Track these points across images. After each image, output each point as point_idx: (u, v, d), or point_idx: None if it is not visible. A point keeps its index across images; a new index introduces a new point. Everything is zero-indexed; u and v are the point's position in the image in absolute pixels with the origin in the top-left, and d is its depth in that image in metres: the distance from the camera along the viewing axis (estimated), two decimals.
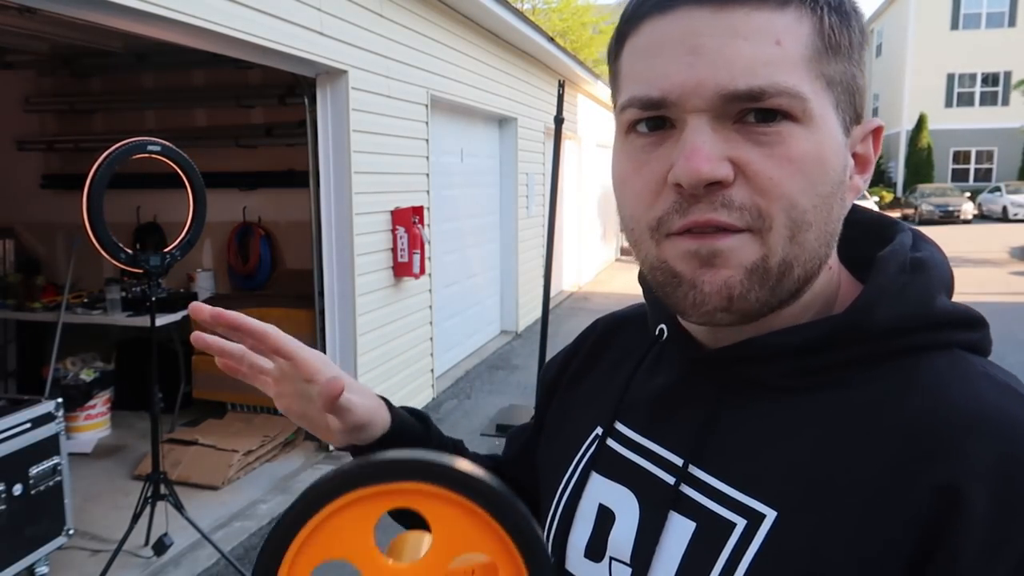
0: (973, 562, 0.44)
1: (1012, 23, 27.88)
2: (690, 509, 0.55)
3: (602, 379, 0.70)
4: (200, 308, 0.65)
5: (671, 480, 0.56)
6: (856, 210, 0.60)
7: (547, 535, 0.64)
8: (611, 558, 0.59)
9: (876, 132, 0.55)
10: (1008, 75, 27.71)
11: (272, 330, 0.66)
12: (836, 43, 0.50)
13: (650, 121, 0.51)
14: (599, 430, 0.65)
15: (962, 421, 0.47)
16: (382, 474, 0.35)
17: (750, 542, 0.50)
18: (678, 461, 0.57)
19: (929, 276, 0.54)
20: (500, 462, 0.84)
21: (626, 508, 0.59)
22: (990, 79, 28.47)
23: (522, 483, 0.72)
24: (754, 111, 0.49)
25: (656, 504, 0.57)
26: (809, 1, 0.50)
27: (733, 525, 0.51)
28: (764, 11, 0.48)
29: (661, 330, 0.63)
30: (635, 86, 0.52)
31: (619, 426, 0.64)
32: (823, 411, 0.52)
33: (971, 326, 0.54)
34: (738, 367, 0.55)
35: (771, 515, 0.50)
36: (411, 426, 0.75)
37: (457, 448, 0.83)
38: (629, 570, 0.57)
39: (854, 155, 0.54)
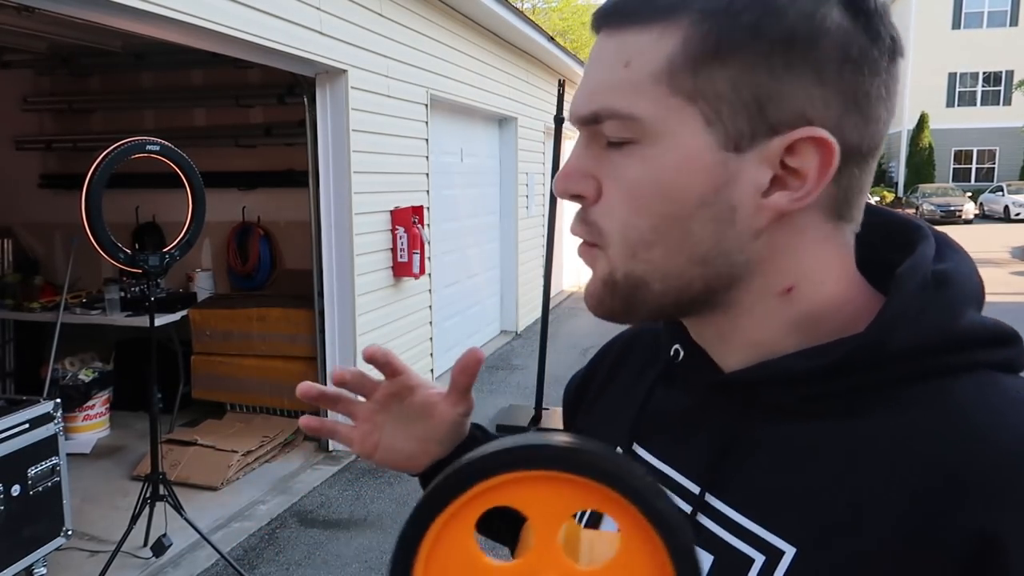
0: None
1: (1014, 22, 27.87)
2: (707, 541, 0.53)
3: (618, 400, 0.69)
4: (372, 353, 0.70)
5: (687, 508, 0.54)
6: (877, 212, 0.57)
7: None
8: None
9: (815, 143, 0.47)
10: (1010, 74, 27.69)
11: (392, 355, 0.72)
12: (710, 51, 0.47)
13: None
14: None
15: (999, 458, 0.44)
16: (463, 481, 0.36)
17: None
18: (694, 489, 0.55)
19: (953, 291, 0.50)
20: None
21: None
22: (992, 78, 28.46)
23: None
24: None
25: None
26: (682, 10, 0.48)
27: (752, 561, 0.49)
28: (631, 31, 0.49)
29: (676, 350, 0.60)
30: None
31: (637, 449, 0.62)
32: (844, 439, 0.48)
33: (1001, 343, 0.50)
34: (755, 391, 0.53)
35: (790, 552, 0.48)
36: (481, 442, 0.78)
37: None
38: None
39: (784, 167, 0.48)
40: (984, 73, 28.48)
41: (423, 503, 0.36)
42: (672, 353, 0.61)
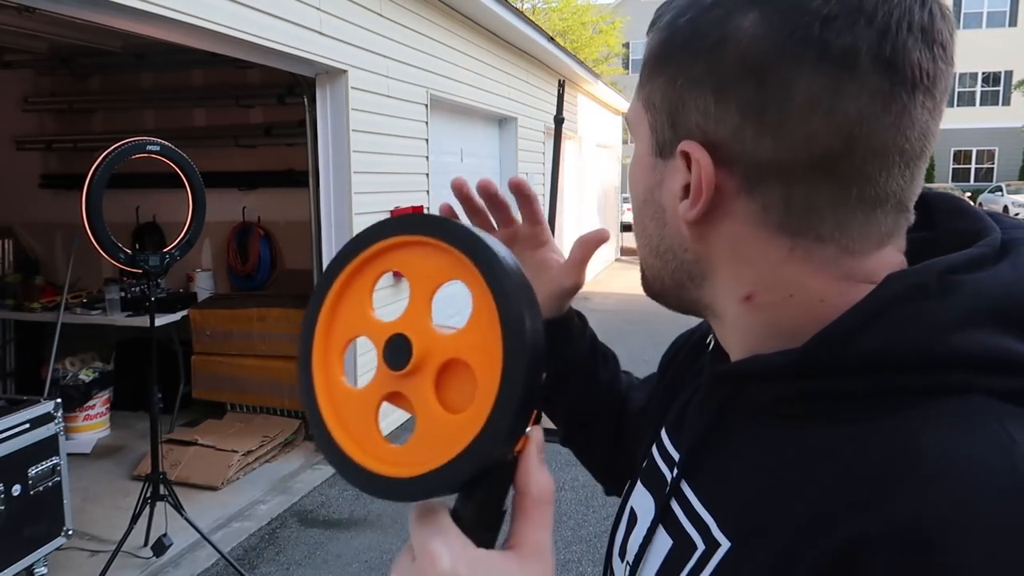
0: None
1: (1013, 23, 27.89)
2: (672, 526, 0.55)
3: (683, 385, 0.71)
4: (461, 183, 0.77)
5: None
6: (969, 216, 0.52)
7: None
8: (628, 562, 0.62)
9: (695, 156, 0.48)
10: (1009, 75, 27.71)
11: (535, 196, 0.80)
12: (655, 61, 0.51)
13: None
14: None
15: (903, 467, 0.41)
16: (361, 243, 0.42)
17: (702, 569, 0.50)
18: (675, 473, 0.58)
19: (960, 303, 0.44)
20: (628, 405, 0.85)
21: (645, 513, 0.61)
22: (991, 79, 28.48)
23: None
24: None
25: (656, 514, 0.58)
26: (654, 25, 0.53)
27: (695, 548, 0.51)
28: None
29: (709, 342, 0.63)
30: None
31: (663, 434, 0.65)
32: (796, 446, 0.47)
33: (1008, 370, 0.43)
34: (741, 386, 0.53)
35: (725, 545, 0.49)
36: (578, 329, 0.84)
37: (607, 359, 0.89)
38: None
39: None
40: (983, 73, 28.49)
41: (334, 260, 0.43)
42: (708, 343, 0.64)
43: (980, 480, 0.39)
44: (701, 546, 0.51)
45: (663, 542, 0.55)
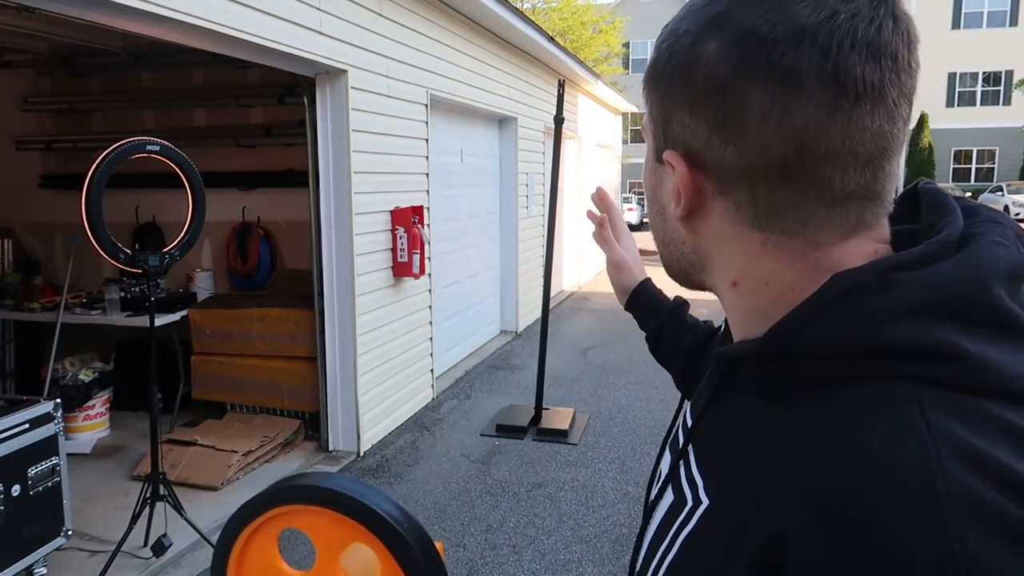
0: None
1: (1014, 22, 27.86)
2: (676, 485, 0.62)
3: None
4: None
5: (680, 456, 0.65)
6: (940, 211, 0.56)
7: None
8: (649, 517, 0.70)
9: (675, 167, 0.57)
10: (1009, 74, 27.69)
11: (613, 210, 1.19)
12: (652, 79, 0.59)
13: None
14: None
15: (824, 467, 0.46)
16: (257, 510, 0.46)
17: (688, 523, 0.57)
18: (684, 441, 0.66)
19: (896, 297, 0.49)
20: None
21: (663, 473, 0.68)
22: (991, 78, 28.45)
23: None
24: None
25: (667, 474, 0.66)
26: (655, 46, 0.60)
27: (686, 504, 0.59)
28: None
29: (722, 324, 0.72)
30: None
31: (686, 407, 0.72)
32: (766, 422, 0.54)
33: (934, 358, 0.47)
34: (733, 366, 0.59)
35: (705, 503, 0.56)
36: (653, 296, 1.16)
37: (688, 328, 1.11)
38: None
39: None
40: (984, 73, 28.47)
41: (226, 526, 0.48)
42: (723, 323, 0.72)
43: (890, 474, 0.44)
44: (690, 503, 0.58)
45: (668, 499, 0.63)
